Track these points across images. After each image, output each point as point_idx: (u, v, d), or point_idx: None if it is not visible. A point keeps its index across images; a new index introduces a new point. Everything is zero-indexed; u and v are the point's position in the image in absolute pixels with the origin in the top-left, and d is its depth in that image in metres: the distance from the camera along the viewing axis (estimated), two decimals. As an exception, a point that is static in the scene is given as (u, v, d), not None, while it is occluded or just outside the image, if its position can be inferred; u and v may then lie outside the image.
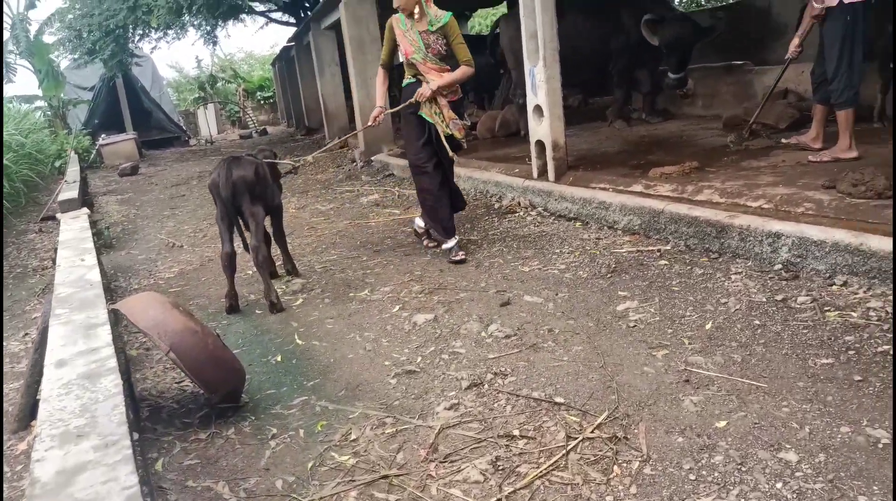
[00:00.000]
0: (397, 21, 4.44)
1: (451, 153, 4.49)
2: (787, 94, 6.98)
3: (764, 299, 3.21)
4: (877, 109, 5.76)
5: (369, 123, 4.63)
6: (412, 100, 4.43)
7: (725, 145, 5.83)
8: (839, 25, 4.52)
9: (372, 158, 9.56)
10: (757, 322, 3.00)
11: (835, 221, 3.54)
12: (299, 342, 3.54)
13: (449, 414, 2.60)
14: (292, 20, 18.58)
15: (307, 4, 17.08)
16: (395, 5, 4.34)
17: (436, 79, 4.36)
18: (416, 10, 4.31)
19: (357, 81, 9.99)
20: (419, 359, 3.13)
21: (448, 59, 4.44)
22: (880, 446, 2.05)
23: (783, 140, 5.38)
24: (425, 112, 4.44)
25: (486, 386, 2.78)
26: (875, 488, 1.87)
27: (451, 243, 4.59)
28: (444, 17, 4.34)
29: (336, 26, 11.43)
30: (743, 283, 3.43)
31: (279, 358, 3.36)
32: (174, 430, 2.75)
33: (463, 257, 4.51)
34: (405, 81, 4.55)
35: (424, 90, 4.37)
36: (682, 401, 2.46)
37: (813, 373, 2.51)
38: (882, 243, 3.08)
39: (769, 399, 2.38)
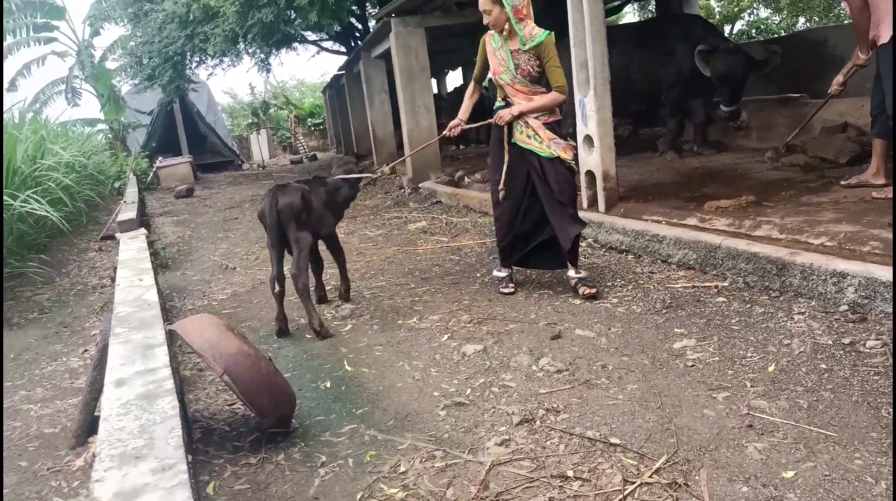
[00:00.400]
0: (490, 38, 4.15)
1: (558, 195, 4.10)
2: (847, 128, 6.79)
3: (830, 342, 3.08)
4: None
5: (445, 133, 4.39)
6: (490, 120, 4.19)
7: (783, 179, 5.68)
8: (887, 61, 4.48)
9: (419, 186, 9.63)
10: (823, 366, 2.87)
11: (904, 262, 3.39)
12: (348, 368, 3.54)
13: (500, 450, 2.54)
14: (343, 49, 19.01)
15: (358, 34, 17.46)
16: (485, 22, 4.06)
17: (523, 103, 4.07)
18: (507, 27, 3.99)
19: (406, 110, 10.11)
20: (468, 391, 3.09)
21: (542, 82, 4.09)
22: (966, 506, 1.92)
23: (842, 183, 5.18)
24: (518, 139, 4.13)
25: (537, 423, 2.72)
26: (963, 553, 1.75)
27: (499, 272, 4.54)
28: (539, 36, 3.95)
29: (386, 55, 11.63)
30: (807, 324, 3.30)
31: (328, 384, 3.36)
32: (225, 453, 2.76)
33: (512, 289, 4.45)
34: (495, 104, 4.24)
35: (503, 114, 4.09)
36: (746, 448, 2.36)
37: (887, 424, 2.38)
38: (958, 287, 2.93)
39: (840, 450, 2.27)
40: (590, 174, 5.66)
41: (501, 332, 3.77)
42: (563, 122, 4.33)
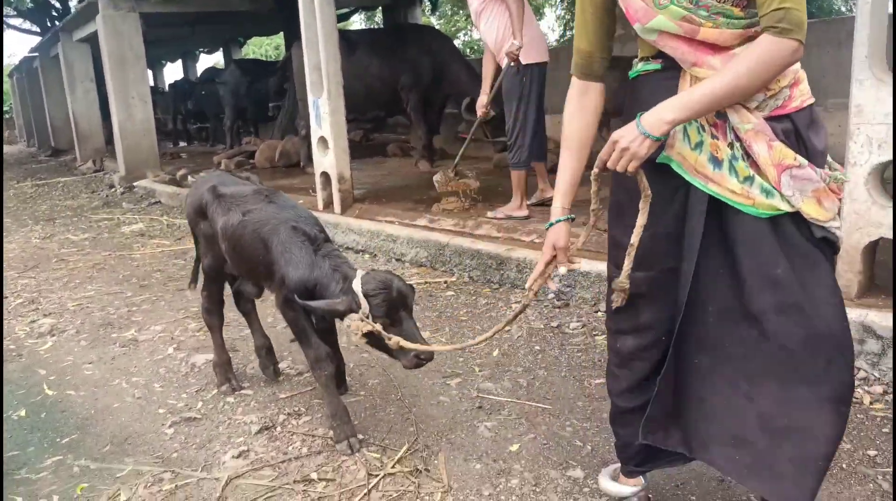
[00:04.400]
0: None
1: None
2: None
3: (542, 326, 3.46)
4: None
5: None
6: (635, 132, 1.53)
7: (497, 184, 6.28)
8: (514, 86, 4.48)
9: (134, 184, 8.73)
10: (538, 347, 3.21)
11: (597, 254, 3.96)
12: (49, 392, 3.03)
13: (238, 463, 2.38)
14: (37, 29, 16.48)
15: (56, 13, 15.28)
16: None
17: (709, 66, 1.54)
18: None
19: (117, 100, 9.11)
20: (199, 404, 2.85)
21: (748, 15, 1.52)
22: (649, 455, 2.28)
23: (489, 215, 4.87)
24: (681, 158, 1.60)
25: (278, 428, 2.60)
26: (652, 497, 2.06)
27: (615, 485, 1.99)
28: None
29: (92, 39, 10.34)
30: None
31: (23, 413, 2.84)
32: None
33: None
34: (634, 70, 1.74)
35: (663, 111, 1.51)
36: (478, 427, 2.52)
37: (589, 393, 2.74)
38: (635, 274, 3.49)
39: (555, 420, 2.54)
40: (325, 175, 5.65)
41: (236, 338, 3.55)
42: (298, 122, 2.30)
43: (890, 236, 2.71)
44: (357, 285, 2.23)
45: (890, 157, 2.67)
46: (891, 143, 2.64)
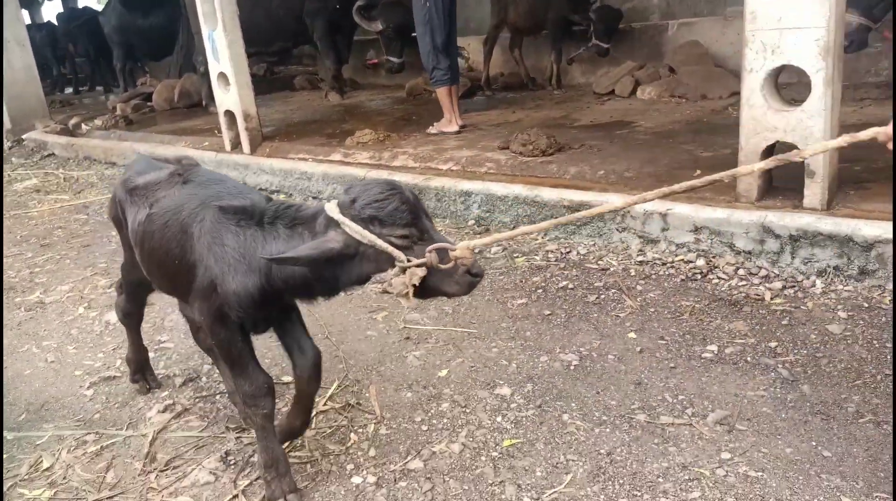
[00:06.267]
0: None
1: None
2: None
3: (464, 253, 3.48)
4: (553, 76, 6.66)
5: None
6: None
7: (412, 113, 6.18)
8: (419, 11, 4.91)
9: (23, 137, 8.08)
10: (460, 274, 3.24)
11: (512, 177, 3.99)
12: (-49, 366, 2.86)
13: (164, 417, 2.34)
14: None
15: None
16: None
17: None
18: None
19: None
20: (118, 362, 2.75)
21: None
22: (572, 368, 2.38)
23: (428, 131, 5.28)
24: None
25: (203, 379, 2.57)
26: (573, 404, 2.17)
27: None
28: None
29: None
30: (444, 240, 3.68)
31: (-76, 391, 2.67)
32: None
33: None
34: None
35: None
36: (406, 358, 2.56)
37: (512, 314, 2.81)
38: (551, 194, 3.55)
39: (480, 343, 2.61)
40: (229, 114, 5.38)
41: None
42: (196, 58, 2.47)
43: (786, 139, 2.84)
44: (333, 207, 1.60)
45: (783, 62, 2.76)
46: (783, 48, 2.73)
